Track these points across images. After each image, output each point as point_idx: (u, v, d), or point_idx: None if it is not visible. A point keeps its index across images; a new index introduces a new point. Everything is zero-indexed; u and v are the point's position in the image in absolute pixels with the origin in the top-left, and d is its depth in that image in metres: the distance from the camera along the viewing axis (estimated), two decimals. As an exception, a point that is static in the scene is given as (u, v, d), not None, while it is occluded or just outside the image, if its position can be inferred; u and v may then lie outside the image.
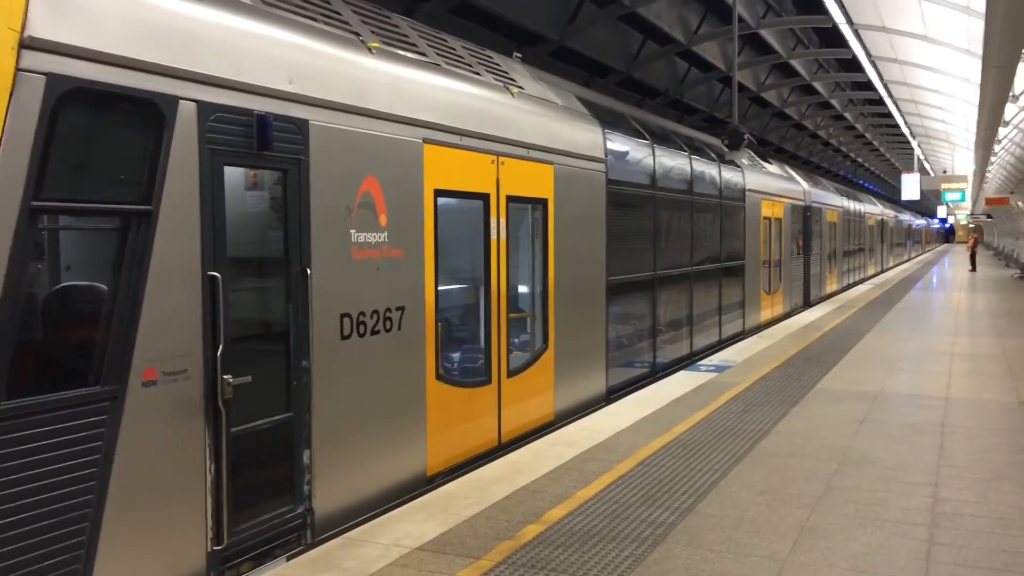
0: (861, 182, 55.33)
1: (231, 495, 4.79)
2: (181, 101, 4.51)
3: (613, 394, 10.19)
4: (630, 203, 10.74)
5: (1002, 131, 18.56)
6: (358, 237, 5.89)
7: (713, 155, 14.34)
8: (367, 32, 6.50)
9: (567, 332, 9.02)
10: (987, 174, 31.97)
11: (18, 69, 3.72)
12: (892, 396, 9.73)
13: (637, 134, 11.46)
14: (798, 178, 21.65)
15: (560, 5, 15.25)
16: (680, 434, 7.93)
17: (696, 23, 18.63)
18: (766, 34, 20.15)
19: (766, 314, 17.80)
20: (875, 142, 42.56)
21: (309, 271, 5.43)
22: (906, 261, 52.33)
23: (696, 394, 9.83)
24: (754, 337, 14.96)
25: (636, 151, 11.15)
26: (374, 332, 6.03)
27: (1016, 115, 17.78)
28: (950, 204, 54.27)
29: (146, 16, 4.37)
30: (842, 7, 17.00)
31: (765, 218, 17.23)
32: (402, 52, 6.71)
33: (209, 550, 4.71)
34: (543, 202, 8.53)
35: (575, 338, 9.24)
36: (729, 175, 15.02)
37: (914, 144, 38.33)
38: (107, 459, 4.10)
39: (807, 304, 21.79)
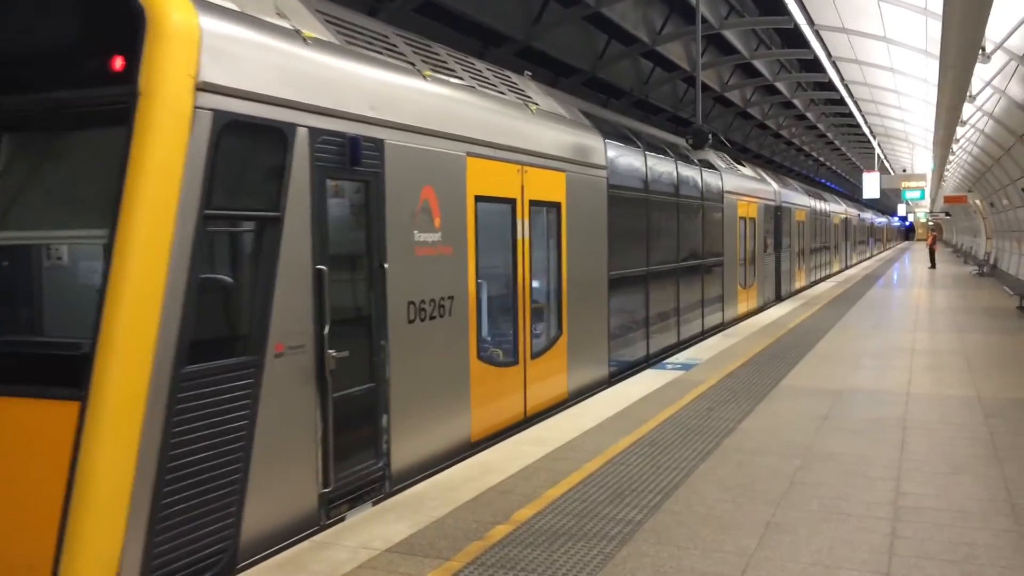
0: (823, 181, 56.04)
1: (334, 448, 5.80)
2: (297, 128, 5.57)
3: (614, 377, 11.18)
4: (627, 205, 11.73)
5: (960, 131, 18.90)
6: (419, 237, 6.94)
7: (695, 160, 15.35)
8: (419, 61, 7.57)
9: (577, 321, 10.06)
10: (945, 173, 32.53)
11: (195, 107, 4.74)
12: (854, 392, 9.87)
13: (631, 142, 12.39)
14: (769, 180, 22.81)
15: (525, 5, 15.28)
16: (647, 432, 7.98)
17: (660, 23, 18.76)
18: (729, 35, 20.35)
19: (743, 307, 18.81)
20: (836, 141, 43.14)
21: (386, 266, 6.49)
22: (869, 258, 53.77)
23: (663, 392, 9.90)
24: (719, 335, 15.12)
25: (631, 158, 12.13)
26: (431, 317, 7.12)
27: (973, 115, 18.12)
28: (910, 202, 55.19)
29: (274, 59, 5.42)
30: (803, 8, 17.20)
31: (741, 218, 18.25)
32: (445, 77, 7.78)
33: (319, 492, 5.73)
34: (557, 205, 9.61)
35: (583, 326, 10.26)
36: (710, 178, 16.04)
37: (874, 143, 38.89)
38: (252, 412, 5.16)
39: (779, 299, 22.78)
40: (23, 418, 4.52)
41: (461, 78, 8.13)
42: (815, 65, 23.33)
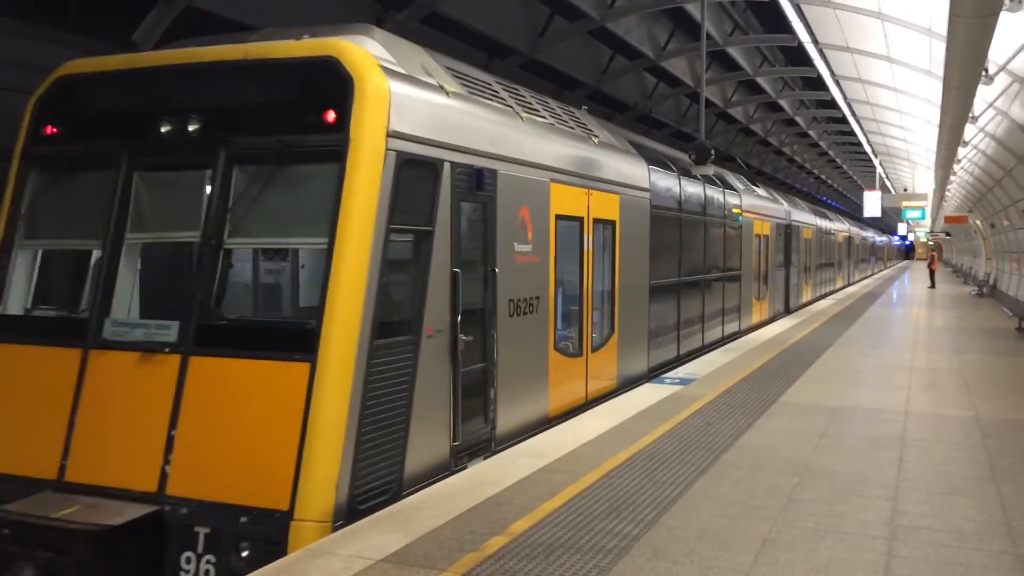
0: (824, 199, 56.13)
1: (461, 411, 7.25)
2: (444, 162, 7.09)
3: (652, 372, 12.50)
4: (664, 223, 13.14)
5: (961, 151, 18.94)
6: (518, 248, 8.43)
7: (719, 182, 16.92)
8: (515, 104, 9.03)
9: (626, 322, 11.52)
10: (946, 192, 32.59)
11: (386, 149, 6.35)
12: (853, 410, 9.87)
13: (667, 167, 13.76)
14: (781, 200, 24.28)
15: (530, 18, 15.35)
16: (645, 446, 7.98)
17: (665, 39, 18.85)
18: (733, 51, 20.44)
19: (756, 318, 20.17)
20: (838, 159, 43.27)
21: (496, 270, 7.96)
22: (870, 276, 54.57)
23: (661, 407, 9.90)
24: (718, 351, 15.14)
25: (668, 182, 13.51)
26: (524, 313, 8.55)
27: (975, 135, 18.16)
28: (910, 221, 55.21)
29: (430, 110, 7.03)
30: (807, 27, 17.28)
31: (756, 235, 19.77)
32: (533, 116, 9.25)
33: (451, 444, 7.18)
34: (613, 223, 11.08)
35: (630, 327, 11.72)
36: (731, 199, 17.41)
37: (876, 162, 38.99)
38: (412, 377, 6.65)
39: (787, 311, 23.96)
40: (273, 374, 6.11)
41: (544, 116, 9.64)
42: (818, 83, 23.44)
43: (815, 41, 18.18)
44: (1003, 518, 6.03)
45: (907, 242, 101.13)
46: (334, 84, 6.34)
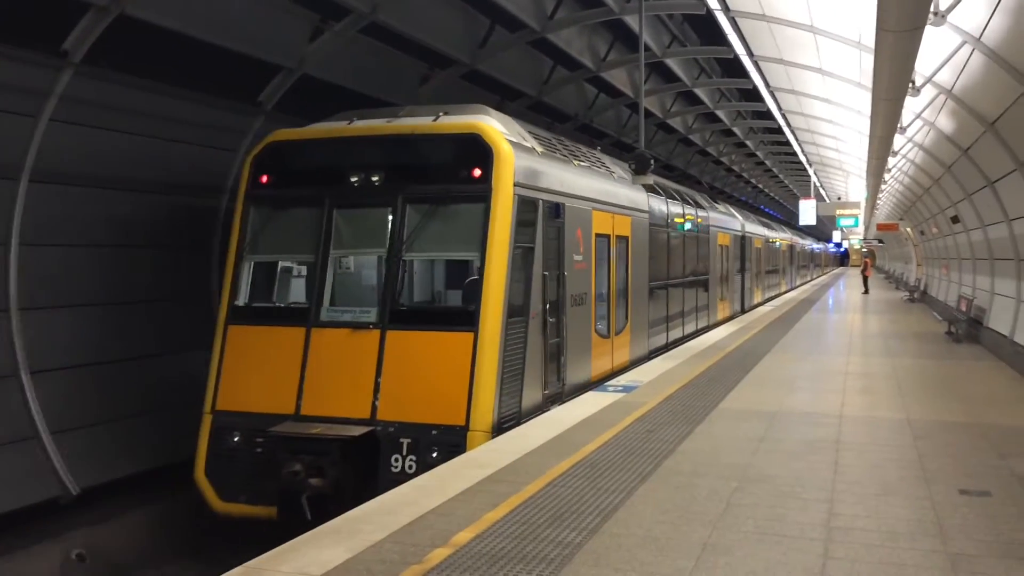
0: (763, 207, 57.19)
1: (546, 371, 10.47)
2: (539, 200, 10.30)
3: (651, 354, 15.74)
4: (657, 237, 16.47)
5: (891, 161, 19.48)
6: (575, 258, 11.60)
7: (692, 202, 20.29)
8: (568, 153, 12.59)
9: (635, 313, 14.90)
10: (878, 201, 33.44)
11: (513, 194, 9.51)
12: (790, 415, 10.06)
13: (658, 193, 16.86)
14: (736, 215, 27.92)
15: (471, 29, 15.37)
16: (588, 454, 8.02)
17: (604, 50, 19.04)
18: (671, 63, 20.73)
19: (721, 314, 23.87)
20: (775, 169, 44.13)
21: (565, 274, 11.13)
22: (809, 281, 57.71)
23: (604, 415, 9.96)
24: (660, 358, 15.31)
25: (659, 204, 16.74)
26: (578, 304, 11.70)
27: (904, 146, 18.69)
28: (844, 229, 56.57)
29: (530, 166, 10.24)
30: (743, 39, 17.61)
31: (720, 245, 23.25)
32: (579, 162, 12.72)
33: (542, 392, 10.34)
34: (626, 238, 14.37)
35: (638, 317, 15.06)
36: (700, 215, 20.88)
37: (811, 171, 39.85)
38: (524, 345, 9.77)
39: (743, 311, 27.65)
40: (451, 340, 9.28)
41: (584, 160, 13.14)
42: (754, 95, 23.89)
43: (750, 53, 18.52)
44: (934, 517, 6.19)
45: (842, 249, 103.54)
46: (479, 151, 9.65)
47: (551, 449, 8.23)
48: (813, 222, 41.71)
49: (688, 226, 19.28)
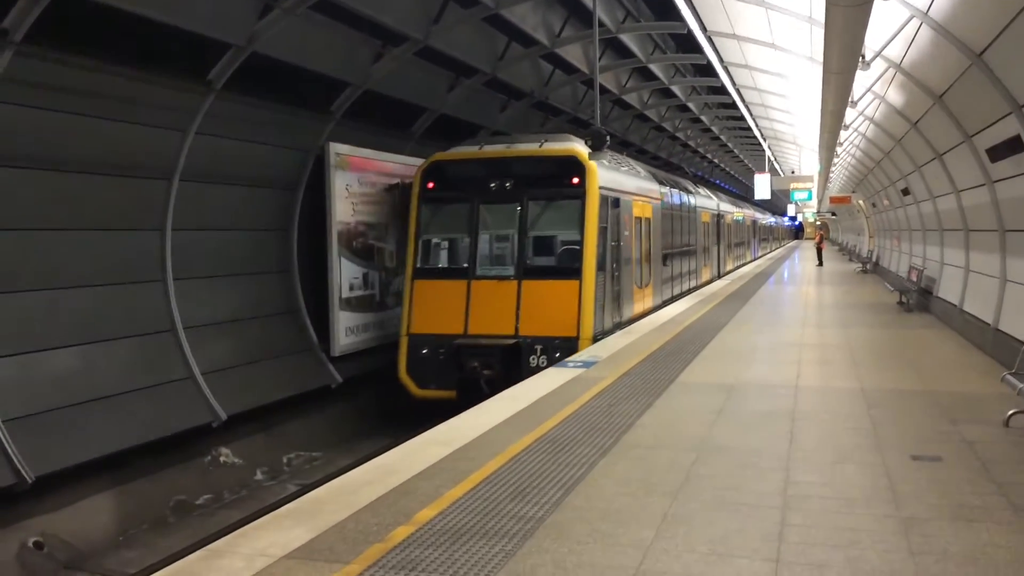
0: (718, 182, 57.65)
1: (612, 307, 15.89)
2: (609, 197, 15.67)
3: (663, 303, 20.98)
4: (665, 216, 21.70)
5: (843, 134, 19.72)
6: (624, 233, 16.66)
7: (684, 189, 25.92)
8: (616, 162, 17.91)
9: (654, 273, 20.18)
10: (831, 174, 33.89)
11: (600, 195, 15.14)
12: (747, 386, 10.21)
13: (664, 183, 22.34)
14: (713, 196, 34.06)
15: (424, 5, 15.19)
16: (549, 429, 8.07)
17: (559, 26, 18.96)
18: (626, 39, 20.71)
19: (705, 277, 29.47)
20: (730, 144, 44.44)
21: (621, 244, 16.40)
22: (769, 253, 63.29)
23: (565, 389, 10.02)
24: (619, 333, 15.46)
25: (666, 192, 22.01)
26: (627, 264, 16.93)
27: (855, 119, 18.92)
28: (798, 203, 57.23)
29: (608, 175, 16.05)
30: (696, 15, 17.64)
31: (703, 222, 28.80)
32: (622, 168, 18.23)
33: (612, 321, 15.90)
34: (649, 219, 19.50)
35: (655, 276, 20.30)
36: (691, 199, 26.32)
37: (765, 146, 40.17)
38: (604, 290, 15.37)
39: (719, 276, 33.48)
40: (564, 286, 14.67)
41: (626, 166, 18.86)
42: (708, 70, 23.98)
43: (704, 28, 18.56)
44: (887, 483, 6.34)
45: (796, 223, 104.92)
46: (577, 167, 14.98)
47: (512, 425, 8.26)
48: (768, 196, 42.11)
49: (683, 208, 24.69)
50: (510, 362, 14.22)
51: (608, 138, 14.50)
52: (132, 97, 11.51)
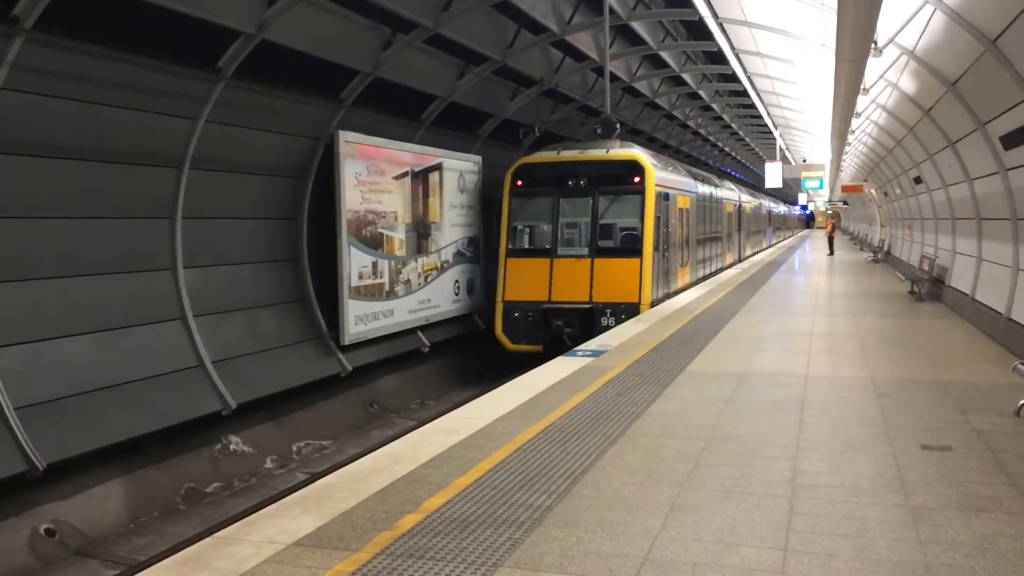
0: (728, 170, 57.41)
1: (663, 281, 19.86)
2: (662, 192, 19.55)
3: (696, 281, 24.16)
4: (698, 207, 24.94)
5: (855, 122, 19.59)
6: (671, 221, 20.58)
7: (711, 183, 29.18)
8: (663, 163, 21.56)
9: (691, 255, 23.52)
10: (843, 163, 33.71)
11: (656, 192, 19.04)
12: (756, 375, 10.18)
13: (698, 178, 25.91)
14: (735, 188, 38.02)
15: (434, -8, 15.12)
16: (558, 418, 8.07)
17: (569, 13, 18.87)
18: (637, 26, 20.61)
19: (729, 260, 33.15)
20: (740, 132, 44.23)
21: (670, 230, 20.39)
22: (781, 241, 65.80)
23: (573, 379, 10.01)
24: (630, 322, 15.48)
25: (699, 185, 25.43)
26: (672, 247, 20.82)
27: (867, 107, 18.80)
28: (809, 191, 56.96)
29: (661, 175, 19.89)
30: (707, 1, 17.54)
31: (727, 212, 32.54)
32: (669, 168, 22.27)
33: (664, 292, 19.78)
34: (688, 210, 22.76)
35: (691, 257, 23.58)
36: (717, 191, 29.84)
37: (776, 134, 39.99)
38: (660, 266, 19.79)
39: (740, 260, 36.85)
40: (629, 263, 18.52)
41: (671, 164, 22.69)
42: (719, 57, 23.86)
43: (715, 15, 18.46)
44: (896, 473, 6.31)
45: (807, 211, 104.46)
46: (638, 168, 18.81)
47: (521, 414, 8.26)
48: (779, 185, 41.96)
49: (711, 200, 28.04)
50: (587, 322, 17.84)
51: (618, 126, 14.46)
52: (142, 85, 11.52)
